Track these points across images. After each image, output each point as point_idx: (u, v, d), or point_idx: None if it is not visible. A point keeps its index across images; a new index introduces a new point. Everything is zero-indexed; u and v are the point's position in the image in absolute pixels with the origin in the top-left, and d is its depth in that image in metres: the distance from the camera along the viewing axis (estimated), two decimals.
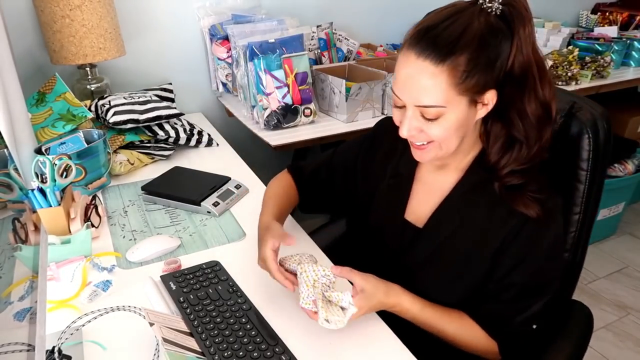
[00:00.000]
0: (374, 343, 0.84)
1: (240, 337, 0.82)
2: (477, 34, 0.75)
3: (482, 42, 0.75)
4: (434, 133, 0.81)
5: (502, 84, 0.79)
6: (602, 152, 0.97)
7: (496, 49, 0.76)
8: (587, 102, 1.01)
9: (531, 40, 0.78)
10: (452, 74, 0.75)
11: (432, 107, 0.78)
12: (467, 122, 0.81)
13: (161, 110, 1.52)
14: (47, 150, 1.25)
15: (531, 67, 0.78)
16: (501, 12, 0.77)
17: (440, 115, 0.78)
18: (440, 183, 0.92)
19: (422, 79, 0.76)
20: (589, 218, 1.01)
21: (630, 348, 1.88)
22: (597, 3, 2.84)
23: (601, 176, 0.99)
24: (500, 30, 0.77)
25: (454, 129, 0.80)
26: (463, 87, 0.76)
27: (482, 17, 0.76)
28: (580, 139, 0.96)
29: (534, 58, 0.79)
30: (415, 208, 0.95)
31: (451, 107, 0.78)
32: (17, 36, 1.61)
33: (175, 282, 0.95)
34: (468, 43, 0.74)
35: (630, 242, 2.50)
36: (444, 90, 0.76)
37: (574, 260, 1.04)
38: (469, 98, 0.78)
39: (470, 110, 0.80)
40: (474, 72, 0.75)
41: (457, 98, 0.77)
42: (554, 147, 0.97)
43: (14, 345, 0.59)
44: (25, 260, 0.78)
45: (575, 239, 1.01)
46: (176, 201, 1.26)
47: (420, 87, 0.77)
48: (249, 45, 1.64)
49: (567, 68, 2.12)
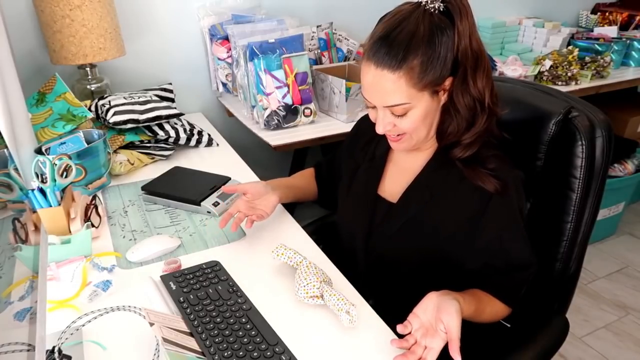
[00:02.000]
0: (374, 343, 0.84)
1: (240, 337, 0.82)
2: (425, 36, 0.84)
3: (429, 43, 0.84)
4: (405, 126, 0.91)
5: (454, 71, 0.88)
6: (599, 161, 0.95)
7: (444, 45, 0.85)
8: (588, 107, 0.98)
9: (469, 32, 0.86)
10: (410, 76, 0.85)
11: (399, 106, 0.88)
12: (434, 110, 0.92)
13: (161, 110, 1.52)
14: (47, 150, 1.25)
15: (466, 58, 0.86)
16: (444, 8, 0.85)
17: (408, 111, 0.89)
18: (411, 163, 1.01)
19: (384, 85, 0.87)
20: (586, 228, 0.99)
21: (630, 348, 1.88)
22: (597, 3, 2.84)
23: (600, 185, 0.97)
24: (445, 26, 0.85)
25: (422, 120, 0.90)
26: (422, 84, 0.86)
27: (426, 19, 0.85)
28: (573, 146, 0.95)
29: (471, 49, 0.86)
30: (388, 186, 1.05)
31: (416, 102, 0.88)
32: (17, 36, 1.61)
33: (175, 282, 0.95)
34: (418, 47, 0.84)
35: (630, 242, 2.50)
36: (405, 91, 0.86)
37: (567, 270, 1.01)
38: (430, 91, 0.88)
39: (434, 100, 0.90)
40: (429, 70, 0.85)
41: (420, 94, 0.87)
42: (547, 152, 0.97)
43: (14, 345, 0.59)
44: (25, 260, 0.78)
45: (567, 248, 0.99)
46: (176, 201, 1.26)
47: (384, 91, 0.87)
48: (249, 45, 1.64)
49: (567, 68, 2.12)
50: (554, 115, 0.96)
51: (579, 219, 0.98)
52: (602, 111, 0.98)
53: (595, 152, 0.95)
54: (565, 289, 1.05)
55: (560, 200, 0.98)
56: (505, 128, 1.04)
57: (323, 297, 0.89)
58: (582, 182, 0.96)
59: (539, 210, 1.02)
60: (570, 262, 1.01)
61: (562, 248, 0.99)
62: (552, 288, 1.04)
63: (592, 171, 0.95)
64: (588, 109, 0.98)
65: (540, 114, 0.99)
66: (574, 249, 1.00)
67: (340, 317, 0.85)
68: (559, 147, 0.97)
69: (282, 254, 0.96)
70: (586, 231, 0.99)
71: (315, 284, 0.89)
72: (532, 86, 1.13)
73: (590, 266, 2.31)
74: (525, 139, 1.01)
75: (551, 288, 1.04)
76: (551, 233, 1.00)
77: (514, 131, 1.02)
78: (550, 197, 1.00)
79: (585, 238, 1.00)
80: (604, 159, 0.96)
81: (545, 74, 2.14)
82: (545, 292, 1.04)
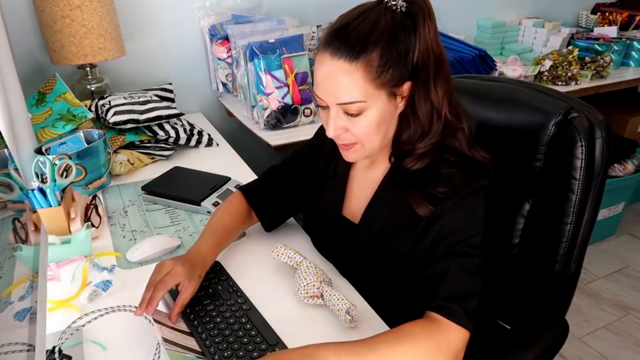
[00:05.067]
0: None
1: (240, 337, 0.82)
2: (386, 30, 0.79)
3: (391, 37, 0.79)
4: (358, 131, 0.83)
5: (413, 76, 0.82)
6: (598, 162, 0.95)
7: (405, 43, 0.80)
8: (587, 108, 0.98)
9: (432, 36, 0.81)
10: (367, 70, 0.78)
11: (353, 103, 0.81)
12: (390, 117, 0.85)
13: (161, 110, 1.52)
14: (47, 150, 1.25)
15: (428, 62, 0.82)
16: (405, 8, 0.81)
17: (363, 111, 0.81)
18: (370, 180, 0.95)
19: (338, 78, 0.79)
20: (585, 229, 0.98)
21: (630, 348, 1.88)
22: (597, 3, 2.84)
23: (599, 186, 0.96)
24: (407, 25, 0.80)
25: (377, 125, 0.83)
26: (379, 81, 0.79)
27: (388, 15, 0.80)
28: (573, 147, 0.94)
29: (433, 53, 0.82)
30: (351, 205, 0.99)
31: (371, 102, 0.81)
32: (17, 36, 1.61)
33: None
34: (378, 39, 0.78)
35: (630, 242, 2.50)
36: (361, 86, 0.79)
37: (567, 271, 1.01)
38: (387, 92, 0.81)
39: (391, 103, 0.83)
40: (388, 66, 0.79)
41: (376, 92, 0.80)
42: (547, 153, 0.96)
43: (14, 345, 0.60)
44: (25, 260, 0.78)
45: (566, 249, 0.98)
46: (176, 201, 1.26)
47: (338, 85, 0.80)
48: (249, 45, 1.64)
49: (567, 68, 2.12)
50: (553, 116, 0.96)
51: (578, 220, 0.97)
52: (601, 112, 0.98)
53: (595, 153, 0.94)
54: (565, 290, 1.05)
55: (559, 201, 0.97)
56: (504, 129, 1.03)
57: (323, 297, 0.89)
58: (582, 183, 0.95)
59: (538, 211, 1.02)
60: (570, 263, 1.00)
61: (561, 249, 0.99)
62: (552, 289, 1.03)
63: (591, 172, 0.95)
64: (587, 110, 0.97)
65: (540, 114, 0.98)
66: (573, 250, 0.99)
67: (340, 317, 0.85)
68: (559, 148, 0.96)
69: (282, 254, 0.96)
70: (586, 232, 0.99)
71: (315, 284, 0.89)
72: (531, 86, 1.13)
73: (591, 266, 2.31)
74: (525, 140, 1.00)
75: (551, 289, 1.03)
76: (551, 234, 1.00)
77: (513, 132, 1.02)
78: (549, 198, 1.00)
79: (585, 239, 1.00)
80: (604, 160, 0.95)
81: (545, 74, 2.14)
82: (545, 294, 1.04)
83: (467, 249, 0.82)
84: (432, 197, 0.83)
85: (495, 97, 1.08)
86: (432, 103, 0.83)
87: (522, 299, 1.07)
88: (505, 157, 1.03)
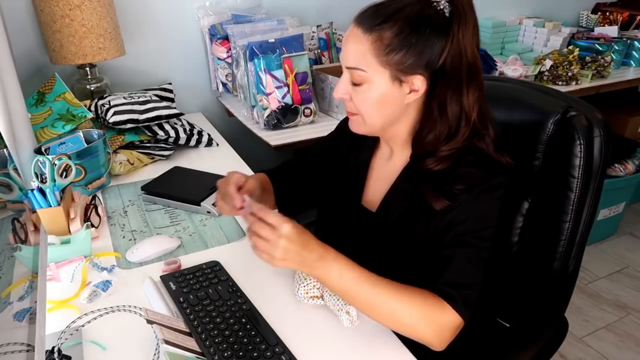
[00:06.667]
0: (374, 343, 0.84)
1: (240, 337, 0.81)
2: (410, 16, 0.81)
3: (412, 24, 0.81)
4: (358, 100, 0.87)
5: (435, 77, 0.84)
6: (597, 160, 0.95)
7: (426, 38, 0.81)
8: (586, 107, 0.98)
9: (467, 43, 0.82)
10: (377, 45, 0.82)
11: (355, 70, 0.84)
12: (393, 101, 0.86)
13: (161, 110, 1.52)
14: (47, 150, 1.25)
15: (460, 69, 0.83)
16: (446, 9, 0.82)
17: (365, 82, 0.84)
18: (390, 171, 0.97)
19: (352, 42, 0.85)
20: (584, 227, 0.99)
21: (631, 348, 1.88)
22: (598, 3, 2.84)
23: (598, 184, 0.97)
24: (436, 24, 0.81)
25: (377, 101, 0.85)
26: (385, 59, 0.82)
27: (424, 6, 0.81)
28: (571, 146, 0.95)
29: (467, 61, 0.83)
30: (369, 195, 1.01)
31: (373, 76, 0.83)
32: (17, 36, 1.61)
33: (175, 282, 0.95)
34: (398, 21, 0.81)
35: (630, 242, 2.50)
36: (366, 56, 0.83)
37: (565, 270, 1.01)
38: (392, 73, 0.83)
39: (394, 87, 0.84)
40: (398, 49, 0.81)
41: (380, 69, 0.83)
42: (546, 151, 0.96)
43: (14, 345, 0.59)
44: (25, 261, 0.78)
45: (565, 247, 0.99)
46: (176, 201, 1.26)
47: (350, 49, 0.85)
48: (249, 45, 1.64)
49: (568, 68, 2.12)
50: (553, 114, 0.96)
51: (577, 218, 0.98)
52: (600, 111, 0.98)
53: (593, 151, 0.95)
54: (564, 288, 1.05)
55: (558, 199, 0.98)
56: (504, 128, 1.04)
57: (323, 297, 0.89)
58: (580, 182, 0.96)
59: (537, 209, 1.02)
60: (569, 262, 1.01)
61: (560, 247, 1.00)
62: (551, 287, 1.04)
63: (590, 171, 0.96)
64: (586, 109, 0.98)
65: (539, 113, 0.99)
66: (572, 248, 1.00)
67: (340, 317, 0.85)
68: (557, 147, 0.97)
69: None
70: (584, 230, 0.99)
71: (315, 284, 0.89)
72: (531, 86, 1.13)
73: (591, 266, 2.31)
74: (524, 139, 1.01)
75: (550, 287, 1.04)
76: (549, 232, 1.00)
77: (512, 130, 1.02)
78: (548, 196, 1.00)
79: (584, 237, 1.00)
80: (602, 159, 0.96)
81: (546, 74, 2.14)
82: (544, 292, 1.04)
83: (476, 241, 0.84)
84: (449, 193, 0.85)
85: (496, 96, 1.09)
86: (462, 106, 0.85)
87: (521, 297, 1.07)
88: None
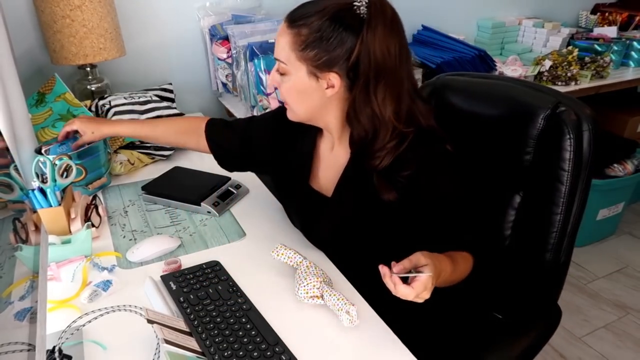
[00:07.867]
0: (374, 342, 0.84)
1: (240, 337, 0.82)
2: (327, 16, 0.86)
3: (328, 24, 0.85)
4: (282, 90, 0.95)
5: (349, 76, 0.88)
6: (586, 153, 0.99)
7: (339, 38, 0.85)
8: (575, 102, 1.02)
9: (377, 45, 0.84)
10: (295, 39, 0.88)
11: (279, 62, 0.92)
12: (312, 93, 0.91)
13: (161, 110, 1.53)
14: (47, 150, 1.25)
15: (368, 71, 0.85)
16: (363, 12, 0.85)
17: (286, 74, 0.92)
18: (335, 160, 1.02)
19: (279, 35, 0.91)
20: (574, 219, 1.02)
21: (630, 348, 1.88)
22: (597, 3, 2.84)
23: (587, 177, 1.00)
24: (350, 25, 0.85)
25: (297, 92, 0.93)
26: (302, 54, 0.88)
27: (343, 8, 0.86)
28: (561, 140, 0.98)
29: (375, 63, 0.85)
30: (319, 180, 1.06)
31: (292, 68, 0.90)
32: (18, 36, 1.61)
33: (175, 282, 0.95)
34: (314, 19, 0.86)
35: (630, 242, 2.50)
36: (286, 50, 0.89)
37: (557, 261, 1.04)
38: (308, 69, 0.89)
39: (312, 82, 0.90)
40: (313, 46, 0.87)
41: (297, 63, 0.89)
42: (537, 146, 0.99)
43: (15, 345, 0.60)
44: (25, 260, 0.78)
45: (557, 239, 1.02)
46: (176, 201, 1.26)
47: (277, 41, 0.92)
48: (249, 45, 1.64)
49: (567, 68, 2.12)
50: (543, 110, 0.99)
51: (568, 210, 1.01)
52: (589, 106, 1.01)
53: (583, 145, 0.98)
54: (556, 279, 1.09)
55: (549, 192, 1.01)
56: (495, 124, 1.08)
57: (323, 297, 0.89)
58: (570, 174, 0.99)
59: (529, 202, 1.06)
60: (561, 253, 1.04)
61: (552, 239, 1.03)
62: (543, 278, 1.07)
63: (580, 164, 0.99)
64: (575, 104, 1.01)
65: (530, 109, 1.02)
66: (563, 240, 1.03)
67: (340, 317, 0.85)
68: (548, 141, 1.00)
69: (282, 254, 0.96)
70: (575, 222, 1.03)
71: (315, 284, 0.89)
72: (522, 83, 1.17)
73: (590, 266, 2.31)
74: (516, 134, 1.04)
75: (542, 278, 1.07)
76: (541, 224, 1.04)
77: (504, 126, 1.06)
78: (539, 189, 1.03)
79: (575, 228, 1.03)
80: (591, 152, 0.99)
81: (545, 74, 2.14)
82: (536, 283, 1.08)
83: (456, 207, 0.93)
84: (397, 182, 0.90)
85: (487, 93, 1.13)
86: (373, 108, 0.88)
87: (514, 289, 1.10)
88: (496, 151, 1.08)
